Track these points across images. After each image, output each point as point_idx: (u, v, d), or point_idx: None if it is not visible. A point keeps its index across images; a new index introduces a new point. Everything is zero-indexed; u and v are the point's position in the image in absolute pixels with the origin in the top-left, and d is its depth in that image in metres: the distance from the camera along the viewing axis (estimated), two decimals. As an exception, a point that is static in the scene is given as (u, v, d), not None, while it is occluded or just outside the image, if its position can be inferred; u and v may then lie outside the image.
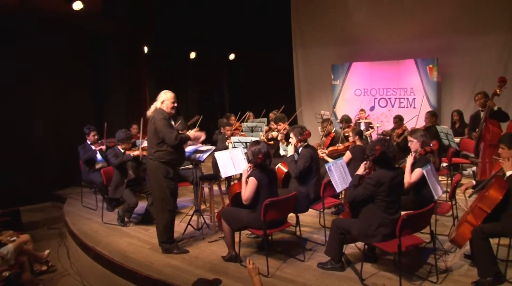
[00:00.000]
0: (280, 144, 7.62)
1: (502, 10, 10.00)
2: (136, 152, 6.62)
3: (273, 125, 8.55)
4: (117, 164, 6.56)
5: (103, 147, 7.71)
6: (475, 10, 10.31)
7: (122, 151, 6.70)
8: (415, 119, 8.87)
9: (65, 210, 7.64)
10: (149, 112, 5.32)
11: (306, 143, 5.88)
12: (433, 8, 10.89)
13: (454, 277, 4.49)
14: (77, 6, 8.64)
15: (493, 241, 4.42)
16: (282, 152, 7.43)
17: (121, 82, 10.34)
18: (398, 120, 9.40)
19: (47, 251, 6.30)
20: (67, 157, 8.76)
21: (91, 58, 9.96)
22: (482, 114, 7.48)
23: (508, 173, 4.29)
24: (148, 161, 5.34)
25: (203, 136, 5.54)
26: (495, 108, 7.13)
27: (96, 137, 7.91)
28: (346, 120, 8.69)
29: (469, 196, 4.92)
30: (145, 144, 6.36)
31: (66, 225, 7.02)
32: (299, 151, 5.78)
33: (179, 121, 8.43)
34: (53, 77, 8.99)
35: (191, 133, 5.40)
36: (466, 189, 4.84)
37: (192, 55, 12.97)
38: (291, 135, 5.85)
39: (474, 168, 8.38)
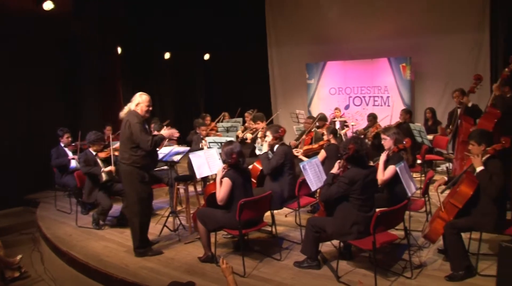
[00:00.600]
0: (258, 141, 7.63)
1: (471, 11, 10.19)
2: (108, 168, 6.51)
3: (251, 125, 8.55)
4: (84, 172, 6.48)
5: (76, 157, 7.53)
6: (446, 10, 10.47)
7: (94, 153, 6.61)
8: (388, 118, 9.00)
9: (38, 215, 7.50)
10: (122, 114, 5.21)
11: (281, 142, 5.92)
12: (405, 7, 11.03)
13: (428, 271, 4.56)
14: (48, 6, 8.49)
15: (465, 236, 4.52)
16: (258, 152, 7.45)
17: (94, 83, 10.17)
18: (372, 118, 9.50)
19: (19, 257, 6.14)
20: (40, 160, 8.56)
21: (63, 59, 9.77)
22: (459, 110, 7.61)
23: (478, 169, 4.37)
24: (121, 165, 5.22)
25: (176, 133, 5.44)
26: (469, 104, 7.27)
27: (69, 139, 7.79)
28: (321, 118, 8.74)
29: (441, 192, 4.99)
30: (117, 145, 6.27)
31: (39, 229, 6.88)
32: (274, 148, 5.81)
33: (155, 122, 8.37)
34: (24, 78, 8.77)
35: (165, 132, 5.31)
36: (439, 185, 4.92)
37: (167, 55, 12.87)
38: (268, 133, 5.91)
39: (447, 164, 8.53)
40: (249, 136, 8.08)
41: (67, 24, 9.53)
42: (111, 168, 6.49)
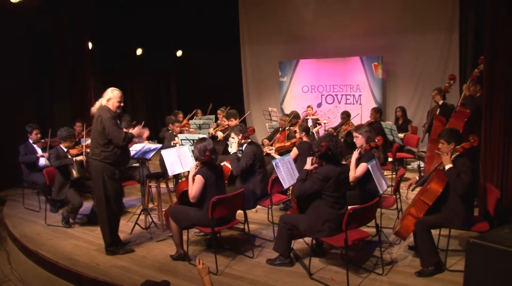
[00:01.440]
0: (231, 139, 7.59)
1: (441, 11, 10.41)
2: (80, 157, 6.40)
3: (224, 122, 8.52)
4: (56, 166, 6.35)
5: (46, 155, 7.38)
6: (417, 10, 10.66)
7: (65, 150, 6.48)
8: (360, 116, 9.11)
9: (5, 213, 7.30)
10: (94, 109, 5.12)
11: (249, 140, 5.90)
12: (378, 7, 11.18)
13: (399, 268, 4.64)
14: (15, -2, 8.26)
15: (435, 232, 4.60)
16: (230, 149, 7.41)
17: (64, 79, 9.97)
18: (346, 116, 9.58)
19: (-16, 257, 6.01)
20: (7, 157, 8.34)
21: (32, 54, 9.54)
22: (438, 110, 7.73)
23: (446, 167, 4.46)
24: (92, 161, 5.13)
25: (146, 132, 5.39)
26: (440, 102, 7.42)
27: (38, 135, 7.60)
28: (294, 116, 8.76)
29: (412, 190, 5.08)
30: (88, 142, 6.17)
31: (6, 228, 6.69)
32: (243, 147, 5.79)
33: (124, 119, 8.25)
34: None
35: (134, 130, 5.24)
36: (410, 185, 5.01)
37: (139, 51, 12.71)
38: (232, 135, 5.87)
39: (418, 162, 8.66)
40: (220, 134, 8.04)
41: (36, 19, 9.31)
42: (82, 157, 6.38)
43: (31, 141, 7.54)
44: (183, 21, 13.24)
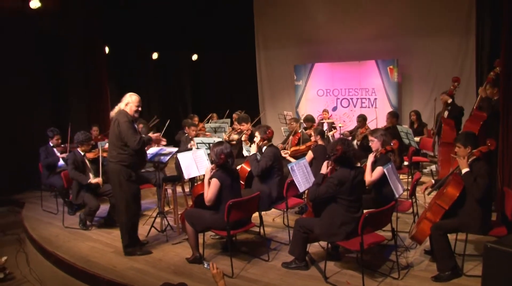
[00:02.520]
0: (244, 144, 7.62)
1: (456, 14, 10.31)
2: (96, 180, 6.43)
3: (236, 126, 8.53)
4: (71, 177, 6.44)
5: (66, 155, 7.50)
6: (433, 13, 10.56)
7: (82, 153, 6.55)
8: (375, 121, 9.06)
9: (23, 215, 7.41)
10: (113, 113, 5.24)
11: (270, 143, 5.92)
12: (392, 10, 11.11)
13: (415, 272, 4.61)
14: (34, 4, 8.39)
15: (451, 237, 4.57)
16: (245, 153, 7.44)
17: (81, 83, 10.10)
18: (362, 119, 9.52)
19: (4, 258, 6.10)
20: (25, 160, 8.48)
21: (50, 59, 9.68)
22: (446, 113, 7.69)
23: (463, 171, 4.43)
24: (109, 163, 5.23)
25: (163, 142, 5.50)
26: (449, 101, 7.37)
27: (59, 141, 7.72)
28: (309, 119, 8.75)
29: (428, 194, 5.04)
30: (105, 145, 6.24)
31: (25, 230, 6.81)
32: (263, 150, 5.82)
33: (142, 125, 8.32)
34: (8, 77, 8.69)
35: (153, 135, 5.32)
36: (426, 188, 4.97)
37: (155, 55, 12.82)
38: (256, 134, 5.91)
39: (433, 167, 8.60)
40: (235, 137, 8.06)
41: (54, 23, 9.45)
42: (98, 180, 6.44)
43: (51, 145, 7.64)
44: (198, 25, 13.30)
